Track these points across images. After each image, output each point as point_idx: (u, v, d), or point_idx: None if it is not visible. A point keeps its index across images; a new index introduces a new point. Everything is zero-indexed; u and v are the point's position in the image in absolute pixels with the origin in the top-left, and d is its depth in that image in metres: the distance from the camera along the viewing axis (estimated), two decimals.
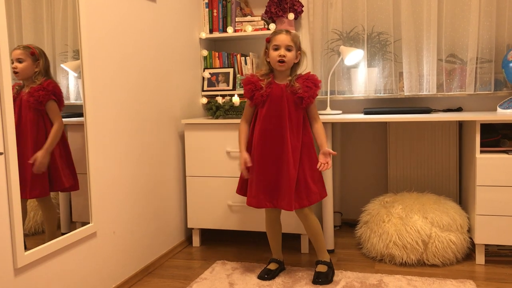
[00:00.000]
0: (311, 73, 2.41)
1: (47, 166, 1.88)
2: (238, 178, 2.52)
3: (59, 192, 2.03)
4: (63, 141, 1.98)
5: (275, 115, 2.34)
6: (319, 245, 2.47)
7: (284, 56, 2.31)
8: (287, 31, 2.36)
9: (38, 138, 1.87)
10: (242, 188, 2.50)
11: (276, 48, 2.32)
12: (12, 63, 1.76)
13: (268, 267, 2.51)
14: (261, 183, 2.36)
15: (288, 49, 2.32)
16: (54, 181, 1.93)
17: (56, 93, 1.93)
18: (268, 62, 2.38)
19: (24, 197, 1.76)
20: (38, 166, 1.82)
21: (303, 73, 2.41)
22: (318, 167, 2.34)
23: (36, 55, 1.83)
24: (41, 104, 1.87)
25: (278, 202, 2.35)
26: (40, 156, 1.83)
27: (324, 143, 2.40)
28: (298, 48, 2.37)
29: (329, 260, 2.47)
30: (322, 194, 2.42)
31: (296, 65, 2.39)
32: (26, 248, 1.75)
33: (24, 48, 1.79)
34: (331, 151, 2.37)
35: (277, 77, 2.39)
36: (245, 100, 3.00)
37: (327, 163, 2.35)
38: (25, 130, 1.80)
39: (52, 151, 1.90)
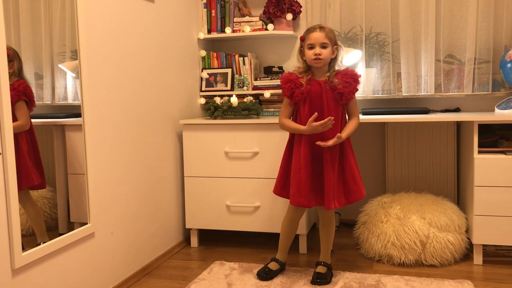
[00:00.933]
0: (349, 68, 2.38)
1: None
2: (277, 178, 2.45)
3: (30, 189, 1.99)
4: (32, 140, 1.95)
5: (317, 112, 2.26)
6: (327, 247, 2.48)
7: (319, 54, 2.27)
8: (321, 28, 2.31)
9: None
10: (280, 188, 2.43)
11: (311, 47, 2.29)
12: None
13: (269, 265, 2.50)
14: (309, 183, 2.32)
15: (324, 46, 2.28)
16: (23, 178, 1.91)
17: (26, 94, 1.90)
18: (305, 61, 2.35)
19: None
20: None
21: (341, 68, 2.37)
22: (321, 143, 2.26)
23: (10, 56, 1.82)
24: (11, 104, 1.84)
25: (322, 201, 2.34)
26: None
27: (345, 131, 2.31)
28: (334, 43, 2.33)
29: (329, 262, 2.47)
30: (362, 193, 2.39)
31: (333, 60, 2.35)
32: (23, 249, 1.75)
33: None
34: (332, 140, 2.26)
35: (315, 74, 2.35)
36: (243, 101, 3.03)
37: (327, 142, 2.26)
38: None
39: (20, 148, 1.87)
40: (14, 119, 1.84)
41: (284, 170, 2.43)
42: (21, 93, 1.87)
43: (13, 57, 1.83)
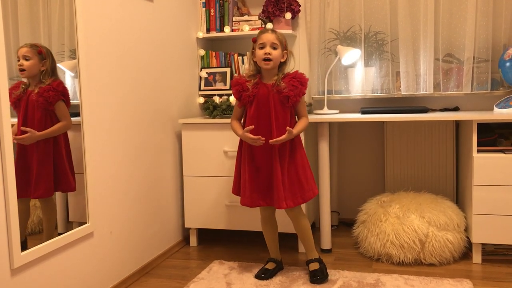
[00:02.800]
0: (299, 71, 2.40)
1: (46, 164, 1.87)
2: (233, 178, 2.52)
3: (60, 192, 2.03)
4: (66, 143, 1.98)
5: (262, 115, 2.34)
6: (309, 243, 2.48)
7: (269, 54, 2.31)
8: (273, 30, 2.38)
9: (45, 139, 1.87)
10: (236, 188, 2.50)
11: (262, 47, 2.33)
12: (18, 60, 1.76)
13: (266, 266, 2.51)
14: (254, 182, 2.36)
15: (274, 47, 2.32)
16: (61, 182, 1.94)
17: (64, 94, 1.96)
18: (255, 62, 2.38)
19: (27, 197, 1.76)
20: (24, 138, 1.79)
21: (291, 72, 2.41)
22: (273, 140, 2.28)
23: (43, 54, 1.84)
24: (51, 105, 1.89)
25: (271, 201, 2.36)
26: (33, 133, 1.82)
27: (296, 128, 2.33)
28: (284, 48, 2.37)
29: (318, 256, 2.48)
30: (314, 191, 2.42)
31: (283, 64, 2.39)
32: (26, 248, 1.75)
33: (31, 46, 1.80)
34: (284, 136, 2.27)
35: (264, 77, 2.39)
36: None
37: (278, 138, 2.28)
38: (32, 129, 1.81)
39: (60, 152, 1.90)
40: (55, 120, 1.91)
41: (237, 170, 2.48)
42: (60, 93, 1.92)
43: (46, 55, 1.86)
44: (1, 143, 1.64)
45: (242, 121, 2.47)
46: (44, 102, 1.85)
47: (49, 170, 1.89)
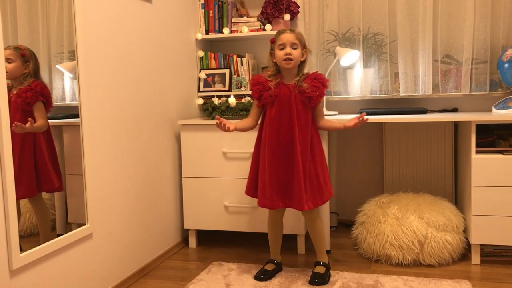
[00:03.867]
0: (318, 72, 2.41)
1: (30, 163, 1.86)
2: (248, 179, 2.49)
3: (47, 192, 2.01)
4: (49, 143, 1.96)
5: (284, 116, 2.33)
6: (321, 246, 2.48)
7: (290, 54, 2.30)
8: (291, 30, 2.36)
9: (25, 139, 1.85)
10: (251, 189, 2.47)
11: (282, 48, 2.32)
12: None
13: (265, 267, 2.51)
14: (274, 184, 2.34)
15: (294, 47, 2.31)
16: (43, 182, 1.92)
17: (44, 94, 1.91)
18: (275, 63, 2.37)
19: None
20: (20, 127, 1.77)
21: (310, 72, 2.41)
22: (360, 118, 2.33)
23: (26, 57, 1.82)
24: (29, 105, 1.85)
25: (291, 203, 2.35)
26: (26, 125, 1.81)
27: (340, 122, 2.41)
28: (304, 46, 2.36)
29: (327, 262, 2.47)
30: (331, 192, 2.44)
31: (302, 63, 2.38)
32: (21, 250, 1.75)
33: (14, 49, 1.77)
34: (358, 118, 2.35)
35: (285, 77, 2.38)
36: (241, 101, 3.03)
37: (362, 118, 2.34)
38: (12, 131, 1.79)
39: (41, 151, 1.88)
40: (35, 121, 1.86)
41: (253, 171, 2.46)
42: (38, 94, 1.88)
43: (29, 58, 1.84)
44: (0, 145, 1.64)
45: (260, 121, 2.45)
46: (22, 102, 1.82)
47: (30, 170, 1.87)
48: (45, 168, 1.92)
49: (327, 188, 2.41)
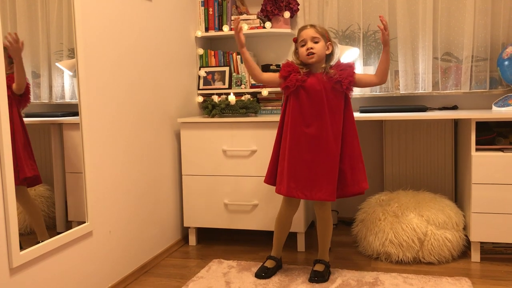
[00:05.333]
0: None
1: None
2: (268, 167, 2.45)
3: (26, 185, 1.94)
4: (25, 133, 1.92)
5: (315, 104, 2.28)
6: (325, 244, 2.47)
7: (312, 48, 2.27)
8: (311, 25, 2.33)
9: None
10: (271, 177, 2.43)
11: (303, 44, 2.30)
12: None
13: (265, 264, 2.50)
14: (292, 171, 2.30)
15: (315, 41, 2.28)
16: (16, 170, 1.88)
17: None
18: (302, 62, 2.34)
19: None
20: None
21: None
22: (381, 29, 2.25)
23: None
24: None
25: (315, 193, 2.29)
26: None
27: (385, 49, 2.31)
28: (327, 39, 2.33)
29: (327, 260, 2.47)
30: (362, 186, 2.36)
31: (329, 56, 2.35)
32: (21, 248, 1.75)
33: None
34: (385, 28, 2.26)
35: (313, 70, 2.34)
36: (241, 99, 3.02)
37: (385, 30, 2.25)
38: None
39: (15, 141, 1.83)
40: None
41: (273, 159, 2.43)
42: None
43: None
44: None
45: (282, 110, 2.40)
46: None
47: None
48: (18, 157, 1.85)
49: (356, 181, 2.33)
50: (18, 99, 1.82)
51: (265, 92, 3.16)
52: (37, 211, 1.97)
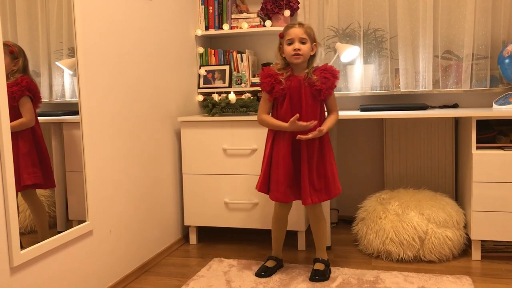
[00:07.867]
0: (328, 64, 2.38)
1: None
2: (260, 176, 2.45)
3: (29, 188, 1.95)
4: (35, 139, 1.89)
5: (294, 109, 2.29)
6: (321, 243, 2.48)
7: (299, 49, 2.27)
8: (300, 24, 2.32)
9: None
10: (264, 184, 2.42)
11: (290, 43, 2.29)
12: None
13: (266, 264, 2.51)
14: (288, 177, 2.32)
15: (303, 41, 2.28)
16: (23, 178, 1.87)
17: (30, 89, 1.85)
18: (284, 58, 2.34)
19: None
20: None
21: (319, 65, 2.37)
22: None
23: (15, 53, 1.79)
24: (14, 100, 1.78)
25: (299, 196, 2.35)
26: None
27: (325, 125, 2.31)
28: (313, 40, 2.33)
29: (327, 259, 2.48)
30: (339, 188, 2.42)
31: (312, 57, 2.35)
32: (22, 247, 1.75)
33: (3, 46, 1.73)
34: (312, 133, 2.25)
35: (294, 70, 2.34)
36: (241, 97, 3.01)
37: (307, 135, 2.24)
38: None
39: (19, 147, 1.82)
40: (19, 116, 1.81)
41: (265, 167, 2.41)
42: (24, 88, 1.82)
43: (18, 55, 1.81)
44: (0, 142, 1.64)
45: (270, 115, 2.39)
46: (7, 98, 1.79)
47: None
48: (15, 165, 1.84)
49: (335, 184, 2.39)
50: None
51: None
52: (44, 213, 1.97)
